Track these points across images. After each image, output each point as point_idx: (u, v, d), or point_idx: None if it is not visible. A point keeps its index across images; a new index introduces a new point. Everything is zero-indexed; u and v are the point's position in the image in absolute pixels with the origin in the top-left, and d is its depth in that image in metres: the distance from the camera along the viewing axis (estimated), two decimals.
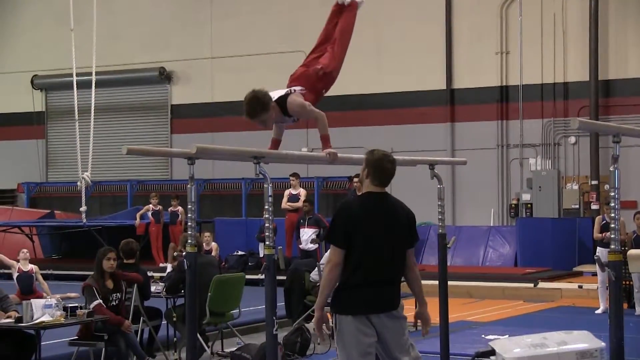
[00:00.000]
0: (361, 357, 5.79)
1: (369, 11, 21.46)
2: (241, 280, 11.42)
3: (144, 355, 10.05)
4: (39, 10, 24.60)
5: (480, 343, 9.03)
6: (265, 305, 5.89)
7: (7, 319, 8.78)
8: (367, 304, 5.83)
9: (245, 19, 23.04)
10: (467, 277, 16.78)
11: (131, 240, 11.00)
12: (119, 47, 23.16)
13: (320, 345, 11.13)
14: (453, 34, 21.38)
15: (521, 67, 20.61)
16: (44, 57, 24.30)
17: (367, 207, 5.91)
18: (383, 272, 5.89)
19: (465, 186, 20.50)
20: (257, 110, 6.44)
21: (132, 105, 25.02)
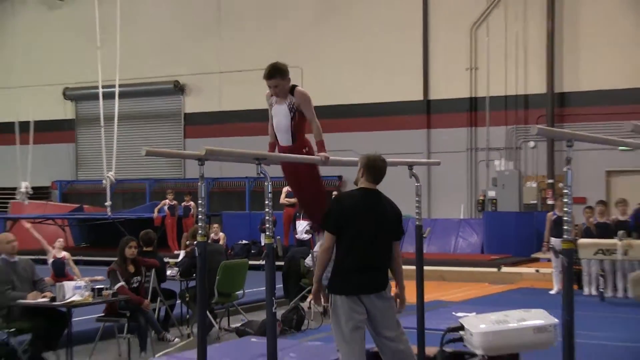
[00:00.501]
0: (352, 331, 5.82)
1: (358, 34, 21.61)
2: (245, 266, 11.42)
3: (161, 329, 10.08)
4: (70, 31, 24.52)
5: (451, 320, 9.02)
6: (265, 287, 5.88)
7: (43, 298, 8.78)
8: (358, 286, 5.87)
9: (248, 38, 23.01)
10: (440, 262, 16.82)
11: (149, 231, 11.02)
12: (139, 63, 23.12)
13: (313, 321, 11.22)
14: (429, 52, 21.39)
15: (488, 81, 20.65)
16: (74, 72, 24.25)
17: (359, 201, 5.95)
18: (372, 259, 5.93)
19: (439, 184, 20.51)
20: (277, 73, 6.55)
21: (150, 114, 25.00)
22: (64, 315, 8.80)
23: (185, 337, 10.23)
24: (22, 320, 8.77)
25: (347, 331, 5.83)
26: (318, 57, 21.15)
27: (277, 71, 6.55)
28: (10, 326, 8.70)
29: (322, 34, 22.03)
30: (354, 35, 21.87)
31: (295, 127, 6.59)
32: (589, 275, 13.80)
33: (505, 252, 18.30)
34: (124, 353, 9.27)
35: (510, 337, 2.92)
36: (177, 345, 9.79)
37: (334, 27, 22.08)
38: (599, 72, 19.52)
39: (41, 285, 9.07)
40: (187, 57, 23.98)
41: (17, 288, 8.83)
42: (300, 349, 8.40)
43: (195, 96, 24.43)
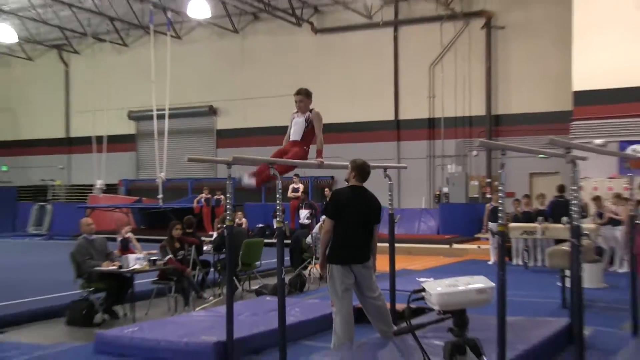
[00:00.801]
0: (344, 292, 5.86)
1: (346, 69, 21.60)
2: (261, 243, 11.45)
3: (199, 290, 10.08)
4: (133, 68, 24.49)
5: (415, 284, 9.03)
6: (277, 259, 5.90)
7: (113, 266, 8.81)
8: (349, 258, 5.90)
9: (264, 72, 22.95)
10: (407, 241, 16.79)
11: (191, 217, 11.04)
12: (183, 91, 23.07)
13: (313, 284, 11.24)
14: (399, 84, 21.36)
15: (442, 106, 20.61)
16: (136, 99, 24.21)
17: (351, 195, 5.99)
18: (360, 238, 5.96)
19: (406, 182, 20.48)
20: (303, 93, 6.64)
21: (191, 130, 24.95)
22: (128, 279, 8.82)
23: (217, 296, 10.22)
24: (98, 282, 8.80)
25: (340, 291, 5.85)
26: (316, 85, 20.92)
27: (304, 92, 6.68)
28: (90, 286, 8.74)
29: (319, 68, 22.01)
30: (343, 70, 21.87)
31: (305, 134, 6.62)
32: (516, 250, 13.86)
33: (455, 233, 18.30)
34: (172, 308, 9.26)
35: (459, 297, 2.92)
36: (211, 302, 9.80)
37: (328, 63, 22.06)
38: (524, 99, 19.51)
39: (112, 257, 9.11)
40: (218, 87, 23.95)
41: (95, 258, 8.86)
42: (302, 305, 8.40)
43: (224, 116, 24.39)
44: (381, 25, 21.29)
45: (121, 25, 24.18)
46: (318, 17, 22.56)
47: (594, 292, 9.92)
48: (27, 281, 11.72)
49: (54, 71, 27.52)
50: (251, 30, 23.68)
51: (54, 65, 27.53)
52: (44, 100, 27.52)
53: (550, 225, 12.91)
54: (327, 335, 6.73)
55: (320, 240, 5.99)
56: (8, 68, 28.37)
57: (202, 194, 20.50)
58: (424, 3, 20.31)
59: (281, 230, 5.95)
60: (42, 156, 27.65)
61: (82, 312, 8.51)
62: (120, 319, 8.78)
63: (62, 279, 9.99)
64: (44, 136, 27.66)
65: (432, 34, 20.66)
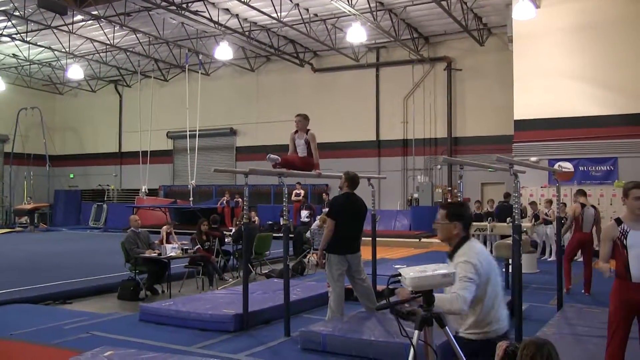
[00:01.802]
0: (339, 276, 5.85)
1: (337, 99, 21.59)
2: (270, 237, 11.40)
3: (221, 273, 10.02)
4: (171, 98, 24.42)
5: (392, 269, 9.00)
6: (282, 249, 5.85)
7: (154, 254, 8.75)
8: (345, 249, 5.89)
9: (273, 102, 22.92)
10: (385, 235, 16.84)
11: (216, 215, 11.07)
12: (210, 116, 23.01)
13: (311, 269, 11.17)
14: (379, 112, 21.34)
15: (414, 129, 20.58)
16: (173, 122, 24.08)
17: (346, 201, 5.99)
18: (353, 233, 5.95)
19: (385, 189, 20.43)
20: (303, 117, 6.63)
21: (216, 147, 24.84)
22: (166, 264, 8.77)
23: (235, 278, 10.17)
24: (142, 266, 8.74)
25: (336, 275, 5.83)
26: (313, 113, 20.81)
27: (303, 115, 6.67)
28: (136, 269, 8.68)
29: (317, 99, 21.97)
30: (335, 101, 21.83)
31: (308, 152, 6.59)
32: None
33: (423, 230, 18.20)
34: (200, 287, 9.21)
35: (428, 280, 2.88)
36: (231, 283, 9.74)
37: (324, 95, 22.01)
38: (477, 125, 19.49)
39: (153, 246, 9.05)
40: (238, 113, 23.88)
41: (140, 247, 8.81)
42: (303, 286, 8.35)
43: (242, 136, 24.29)
44: (366, 66, 21.29)
45: (163, 65, 24.17)
46: (317, 59, 22.57)
47: (530, 276, 9.91)
48: (87, 264, 11.66)
49: (110, 100, 27.46)
50: (264, 69, 23.64)
51: (111, 95, 27.47)
52: (102, 123, 27.47)
53: (497, 224, 12.85)
54: (322, 310, 6.69)
55: (324, 236, 5.94)
56: (75, 98, 28.34)
57: (224, 197, 20.38)
58: (400, 50, 20.31)
59: (286, 227, 5.92)
60: (100, 166, 27.53)
61: (130, 289, 8.46)
62: (159, 295, 8.74)
63: (115, 263, 9.95)
64: (101, 150, 27.58)
65: (406, 73, 20.67)
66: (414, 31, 19.40)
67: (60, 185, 27.86)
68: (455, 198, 14.05)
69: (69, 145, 28.64)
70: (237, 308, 6.38)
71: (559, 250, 7.46)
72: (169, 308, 6.72)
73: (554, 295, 7.43)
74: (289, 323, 5.77)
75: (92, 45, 20.87)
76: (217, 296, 7.54)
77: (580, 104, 14.81)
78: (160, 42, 20.71)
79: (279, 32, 19.87)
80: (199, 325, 6.29)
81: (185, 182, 21.27)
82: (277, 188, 21.79)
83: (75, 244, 17.06)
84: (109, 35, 19.69)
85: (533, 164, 11.83)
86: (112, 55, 22.36)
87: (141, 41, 20.45)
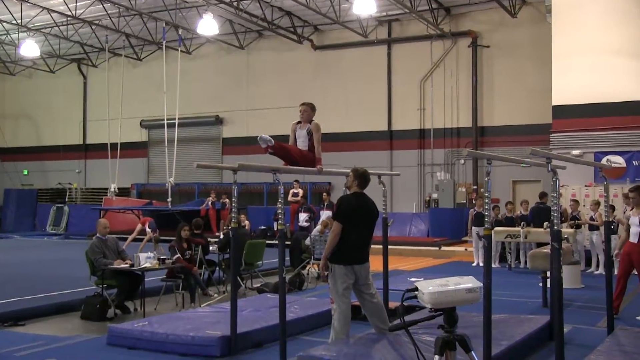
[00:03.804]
0: (344, 290, 5.84)
1: (343, 83, 21.61)
2: (263, 244, 11.37)
3: (205, 287, 10.02)
4: (146, 81, 24.49)
5: (407, 283, 9.02)
6: (278, 258, 5.85)
7: (125, 264, 8.76)
8: (351, 259, 5.88)
9: (266, 86, 22.95)
10: (399, 243, 16.77)
11: (199, 219, 11.07)
12: (191, 103, 23.03)
13: (311, 282, 11.19)
14: (392, 97, 21.34)
15: (432, 118, 20.59)
16: (148, 109, 24.20)
17: (355, 202, 5.98)
18: (362, 240, 5.95)
19: (398, 188, 20.42)
20: (308, 104, 6.68)
21: (199, 138, 24.87)
22: (139, 276, 8.77)
23: (222, 293, 10.18)
24: (111, 279, 8.74)
25: (341, 290, 5.82)
26: (314, 98, 20.77)
27: (310, 104, 6.72)
28: (103, 283, 8.68)
29: (318, 82, 22.01)
30: (339, 84, 21.85)
31: (310, 145, 6.62)
32: (494, 253, 13.81)
33: (443, 236, 18.22)
34: (180, 304, 9.20)
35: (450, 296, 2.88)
36: (216, 299, 9.74)
37: (326, 78, 22.05)
38: (507, 112, 19.50)
39: (123, 254, 9.06)
40: (224, 98, 23.91)
41: (107, 257, 8.81)
42: (301, 303, 8.35)
43: (230, 126, 24.31)
44: (376, 43, 21.28)
45: (136, 41, 24.16)
46: (318, 35, 22.57)
47: (573, 292, 9.90)
48: (44, 277, 11.65)
49: (73, 83, 27.50)
50: (255, 46, 23.66)
51: (73, 77, 27.51)
52: (62, 110, 27.52)
53: (532, 229, 12.88)
54: (324, 331, 6.69)
55: (328, 242, 5.92)
56: (30, 79, 28.38)
57: (209, 197, 20.38)
58: (415, 23, 20.29)
59: (282, 232, 5.90)
60: (60, 161, 27.57)
61: (96, 306, 8.44)
62: (131, 314, 8.71)
63: (78, 276, 9.95)
64: (62, 142, 27.62)
65: (423, 51, 20.67)
66: (433, 1, 19.38)
67: (12, 184, 27.94)
68: (480, 199, 14.05)
69: (22, 136, 28.70)
70: (223, 329, 6.38)
71: (607, 261, 7.45)
72: (142, 329, 6.72)
73: (602, 316, 7.43)
74: (285, 347, 5.76)
75: (50, 17, 20.86)
76: (200, 315, 7.53)
77: (633, 86, 14.78)
78: (132, 14, 20.71)
79: (273, 2, 19.88)
80: (179, 349, 6.30)
81: (163, 180, 21.29)
82: (272, 187, 21.83)
83: (30, 253, 17.09)
84: (70, 4, 19.68)
85: (575, 158, 11.83)
86: (75, 28, 22.34)
87: (109, 12, 20.44)
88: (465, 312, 5.68)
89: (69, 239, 21.87)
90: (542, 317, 7.08)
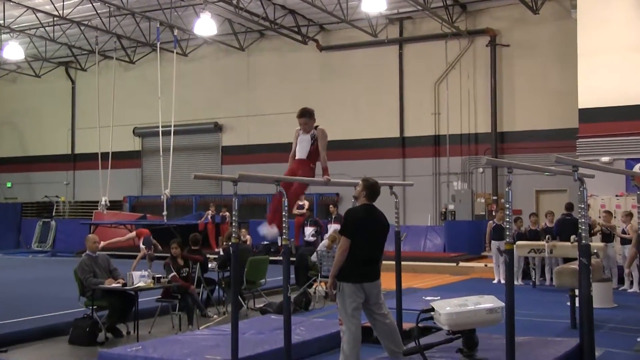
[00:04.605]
0: (354, 310, 5.84)
1: (351, 87, 21.66)
2: (266, 261, 11.39)
3: (203, 308, 10.01)
4: (139, 85, 24.65)
5: (422, 302, 8.98)
6: (282, 276, 5.85)
7: (117, 283, 8.76)
8: (361, 276, 5.88)
9: (269, 90, 23.02)
10: (413, 258, 16.72)
11: (197, 234, 11.07)
12: (188, 108, 23.10)
13: (318, 303, 11.15)
14: (404, 101, 21.36)
15: (448, 123, 20.60)
16: (141, 115, 24.30)
17: (364, 214, 5.99)
18: (372, 256, 5.95)
19: (412, 199, 20.41)
20: (307, 114, 6.70)
21: (196, 146, 24.96)
22: (132, 296, 8.76)
23: (222, 314, 10.16)
24: (102, 300, 8.74)
25: (350, 310, 5.82)
26: (320, 102, 21.00)
27: (307, 113, 6.74)
28: (93, 304, 8.68)
29: (324, 85, 22.08)
30: (347, 87, 21.90)
31: (311, 152, 6.68)
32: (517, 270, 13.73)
33: (461, 251, 18.16)
34: (176, 326, 9.18)
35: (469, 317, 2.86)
36: (215, 320, 9.73)
37: (333, 80, 22.12)
38: (529, 116, 19.48)
39: (115, 273, 9.05)
40: (224, 104, 24.00)
41: (98, 275, 8.81)
42: (308, 324, 8.33)
43: (229, 133, 24.39)
44: (386, 42, 21.32)
45: (128, 43, 24.31)
46: (323, 35, 22.66)
47: (604, 312, 9.81)
48: (30, 298, 11.65)
49: (60, 88, 27.68)
50: (257, 47, 23.77)
51: (61, 82, 27.69)
52: (49, 117, 27.67)
53: (557, 243, 12.82)
54: (332, 355, 6.66)
55: (335, 259, 5.92)
56: (14, 84, 28.56)
57: (208, 210, 20.42)
58: (429, 21, 20.34)
59: (286, 248, 5.90)
60: (46, 172, 27.69)
61: (85, 330, 8.43)
62: (123, 338, 8.70)
63: (66, 297, 9.95)
64: (49, 152, 27.75)
65: (437, 51, 20.71)
66: None
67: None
68: (501, 211, 14.00)
69: (5, 146, 28.90)
70: (224, 353, 6.36)
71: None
72: (136, 354, 6.71)
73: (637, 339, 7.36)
74: None
75: (35, 17, 20.98)
76: (199, 338, 7.51)
77: None
78: (123, 14, 20.86)
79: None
80: None
81: (158, 192, 21.33)
82: None
83: (13, 272, 17.11)
84: (57, 3, 19.81)
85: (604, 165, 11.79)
86: (62, 29, 22.49)
87: (99, 12, 20.58)
88: (486, 333, 5.58)
89: (56, 256, 21.90)
90: (570, 340, 7.02)
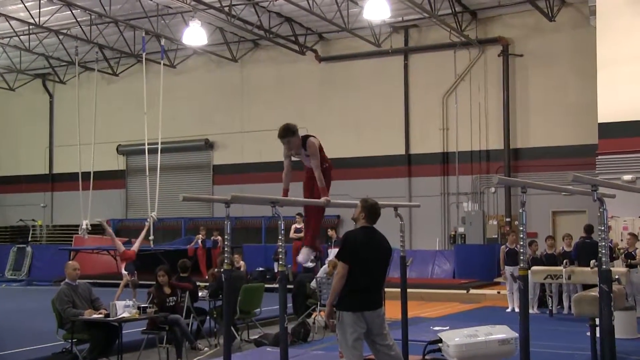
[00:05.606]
0: (355, 341, 5.85)
1: (352, 101, 21.76)
2: (261, 288, 11.41)
3: (193, 340, 10.01)
4: (123, 99, 24.76)
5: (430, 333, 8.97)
6: (279, 305, 5.87)
7: (99, 314, 8.77)
8: (362, 304, 5.90)
9: (264, 105, 23.09)
10: (420, 285, 16.69)
11: (186, 260, 11.14)
12: (177, 124, 23.21)
13: (317, 333, 11.14)
14: (410, 116, 21.45)
15: (457, 139, 20.69)
16: (125, 132, 24.38)
17: (363, 238, 6.02)
18: (372, 282, 5.98)
19: (418, 222, 20.41)
20: (287, 132, 6.77)
21: (185, 165, 25.04)
22: (116, 328, 8.77)
23: (213, 346, 10.16)
24: (82, 332, 8.77)
25: (351, 341, 5.85)
26: (320, 119, 21.16)
27: (287, 131, 6.81)
28: (73, 337, 8.69)
29: (323, 99, 22.20)
30: (349, 101, 22.00)
31: None
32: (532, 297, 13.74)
33: (472, 277, 18.14)
34: (164, 359, 9.18)
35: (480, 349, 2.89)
36: (206, 353, 9.72)
37: (333, 94, 22.24)
38: (545, 132, 19.57)
39: (97, 304, 9.07)
40: (215, 120, 24.10)
41: (78, 306, 8.82)
42: (307, 357, 8.33)
43: (221, 151, 24.47)
44: (390, 53, 21.48)
45: (111, 54, 24.41)
46: (322, 44, 22.82)
47: (628, 342, 9.83)
48: (3, 332, 11.60)
49: (37, 102, 27.78)
50: (251, 58, 23.92)
51: (37, 95, 27.80)
52: (25, 133, 27.75)
53: (576, 268, 12.84)
54: None
55: (333, 286, 5.95)
56: None
57: (199, 234, 20.43)
58: (436, 29, 20.49)
59: (283, 274, 5.94)
60: (22, 194, 27.71)
61: None
62: None
63: (43, 330, 9.94)
64: (24, 172, 27.80)
65: (445, 62, 20.85)
66: (456, 3, 19.62)
67: None
68: (513, 234, 14.03)
69: None
70: None
71: None
72: None
73: None
74: None
75: (9, 25, 20.98)
76: None
77: None
78: (106, 22, 20.98)
79: (270, 7, 20.12)
80: None
81: (144, 215, 21.28)
82: (270, 221, 21.83)
83: None
84: (33, 11, 19.81)
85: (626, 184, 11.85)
86: (39, 39, 22.56)
87: (79, 20, 20.65)
88: None
89: (32, 285, 21.86)
90: None
